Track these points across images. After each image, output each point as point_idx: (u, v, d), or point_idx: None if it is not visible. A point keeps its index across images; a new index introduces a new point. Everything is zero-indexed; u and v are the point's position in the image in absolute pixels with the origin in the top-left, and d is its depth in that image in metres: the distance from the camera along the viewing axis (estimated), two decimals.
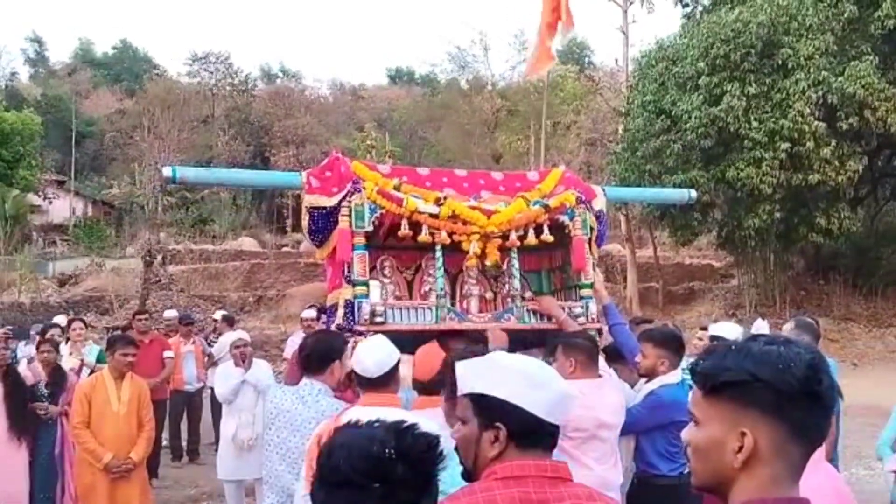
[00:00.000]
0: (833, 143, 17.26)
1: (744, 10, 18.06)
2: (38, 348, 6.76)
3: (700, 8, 23.52)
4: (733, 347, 1.42)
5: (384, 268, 4.28)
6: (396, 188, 4.01)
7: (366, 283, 3.90)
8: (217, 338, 9.91)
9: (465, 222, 3.95)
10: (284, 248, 34.51)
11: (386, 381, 3.26)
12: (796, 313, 17.26)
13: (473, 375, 1.92)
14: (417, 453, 1.50)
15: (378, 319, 3.85)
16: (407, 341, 4.43)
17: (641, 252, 25.21)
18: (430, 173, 4.38)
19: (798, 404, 1.34)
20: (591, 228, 4.26)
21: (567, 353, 3.84)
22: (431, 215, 3.93)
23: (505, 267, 4.20)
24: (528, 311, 4.10)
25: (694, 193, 5.25)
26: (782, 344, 1.40)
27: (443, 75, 54.26)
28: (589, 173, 36.84)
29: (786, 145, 17.02)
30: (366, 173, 4.06)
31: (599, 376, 3.95)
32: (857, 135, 18.09)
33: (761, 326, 7.10)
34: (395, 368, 3.32)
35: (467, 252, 4.00)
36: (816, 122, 16.98)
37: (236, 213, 40.15)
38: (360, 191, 3.92)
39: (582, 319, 4.12)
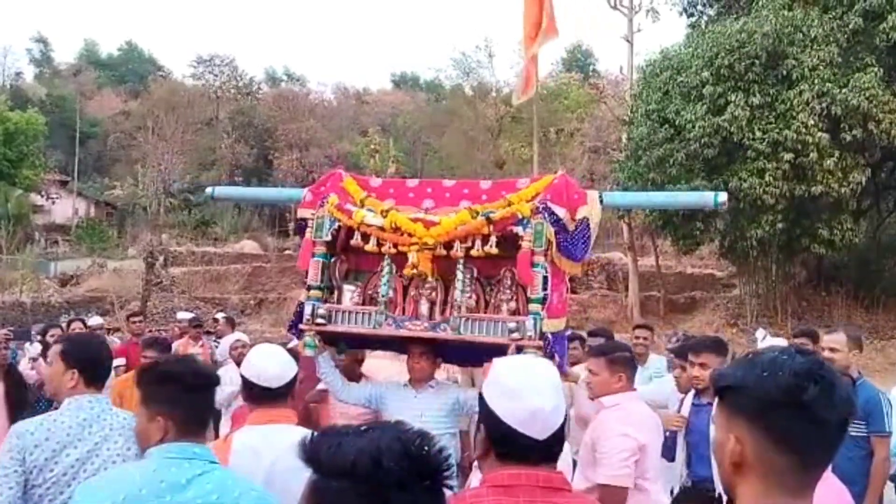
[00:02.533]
0: (836, 154, 17.23)
1: (748, 21, 18.07)
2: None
3: (705, 18, 23.54)
4: (749, 356, 1.45)
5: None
6: (362, 202, 4.21)
7: (319, 288, 4.25)
8: (215, 341, 9.87)
9: (408, 234, 4.07)
10: (286, 252, 34.48)
11: (285, 395, 2.94)
12: (797, 324, 17.22)
13: (487, 375, 1.98)
14: (436, 448, 1.50)
15: (319, 321, 4.18)
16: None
17: (643, 260, 25.19)
18: (417, 184, 4.53)
19: (780, 413, 1.33)
20: (549, 241, 3.97)
21: (613, 368, 3.70)
22: (378, 227, 4.12)
23: (432, 278, 4.19)
24: (464, 322, 4.05)
25: (724, 196, 4.38)
26: (787, 354, 1.39)
27: (447, 81, 54.32)
28: (592, 181, 36.80)
29: (789, 156, 17.01)
30: (352, 188, 4.31)
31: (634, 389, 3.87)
32: (861, 146, 18.06)
33: (763, 336, 7.07)
34: (294, 381, 3.00)
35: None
36: (820, 134, 16.96)
37: (238, 216, 40.24)
38: (323, 205, 4.26)
39: (517, 335, 3.89)
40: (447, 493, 1.51)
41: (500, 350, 3.78)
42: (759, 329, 8.71)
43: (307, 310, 4.22)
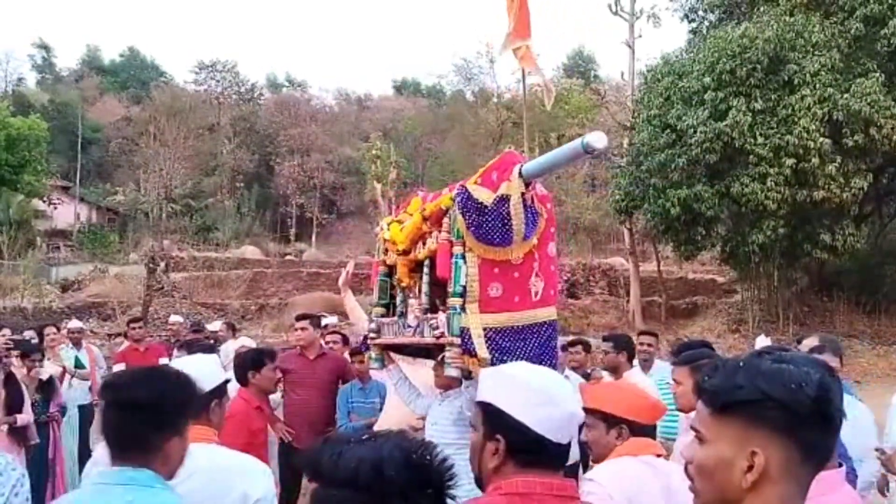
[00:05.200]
0: (838, 159, 17.23)
1: (750, 26, 18.08)
2: (23, 357, 6.65)
3: (706, 23, 23.56)
4: (741, 364, 1.40)
5: None
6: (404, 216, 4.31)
7: (384, 305, 4.43)
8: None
9: (393, 242, 4.19)
10: (287, 257, 34.55)
11: (197, 411, 2.57)
12: (799, 330, 17.18)
13: (488, 383, 1.91)
14: (440, 457, 1.48)
15: (372, 335, 4.38)
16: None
17: (645, 266, 25.16)
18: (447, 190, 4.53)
19: (810, 425, 1.32)
20: (459, 232, 3.65)
21: (696, 376, 3.52)
22: (389, 240, 4.23)
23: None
24: (425, 324, 3.97)
25: (591, 138, 3.29)
26: (790, 361, 1.37)
27: (449, 87, 54.36)
28: (593, 186, 36.90)
29: (791, 161, 17.00)
30: (413, 204, 4.33)
31: None
32: (863, 152, 18.04)
33: (764, 343, 7.04)
34: (211, 396, 2.67)
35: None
36: (822, 139, 16.96)
37: (240, 222, 40.25)
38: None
39: (437, 332, 3.72)
40: (450, 503, 1.49)
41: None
42: (760, 336, 8.68)
43: (367, 325, 4.53)
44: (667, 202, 18.18)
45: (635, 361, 6.16)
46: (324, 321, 8.49)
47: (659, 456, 2.62)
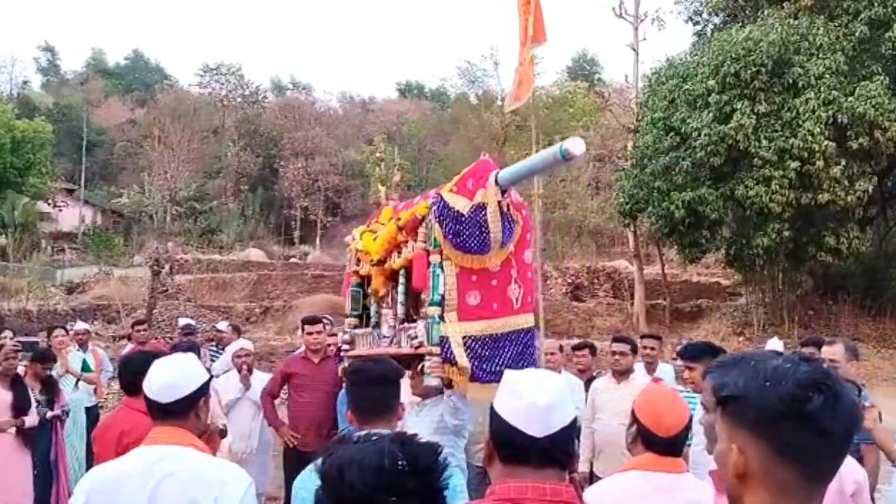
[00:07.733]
0: (843, 162, 17.19)
1: (754, 29, 18.06)
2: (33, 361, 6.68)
3: (711, 26, 23.53)
4: (739, 361, 1.39)
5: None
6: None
7: (356, 315, 4.48)
8: (216, 347, 9.79)
9: (366, 253, 4.22)
10: (291, 260, 34.56)
11: (182, 411, 2.56)
12: (804, 333, 17.14)
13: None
14: (426, 464, 1.49)
15: (345, 347, 4.46)
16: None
17: (649, 269, 25.12)
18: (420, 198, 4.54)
19: (783, 424, 1.27)
20: (437, 238, 3.66)
21: None
22: (362, 251, 4.29)
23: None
24: (402, 334, 3.98)
25: (569, 144, 3.33)
26: (791, 362, 1.33)
27: (453, 89, 54.38)
28: (598, 189, 36.85)
29: (795, 164, 16.98)
30: (384, 214, 4.37)
31: None
32: (867, 155, 18.02)
33: (776, 345, 7.01)
34: (196, 397, 2.61)
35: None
36: (826, 142, 16.93)
37: (244, 224, 40.28)
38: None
39: (416, 342, 3.75)
40: None
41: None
42: (773, 338, 8.63)
43: (341, 337, 4.59)
44: (671, 205, 18.17)
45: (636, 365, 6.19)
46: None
47: (678, 472, 2.53)
